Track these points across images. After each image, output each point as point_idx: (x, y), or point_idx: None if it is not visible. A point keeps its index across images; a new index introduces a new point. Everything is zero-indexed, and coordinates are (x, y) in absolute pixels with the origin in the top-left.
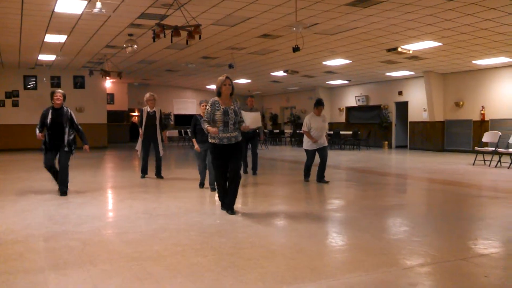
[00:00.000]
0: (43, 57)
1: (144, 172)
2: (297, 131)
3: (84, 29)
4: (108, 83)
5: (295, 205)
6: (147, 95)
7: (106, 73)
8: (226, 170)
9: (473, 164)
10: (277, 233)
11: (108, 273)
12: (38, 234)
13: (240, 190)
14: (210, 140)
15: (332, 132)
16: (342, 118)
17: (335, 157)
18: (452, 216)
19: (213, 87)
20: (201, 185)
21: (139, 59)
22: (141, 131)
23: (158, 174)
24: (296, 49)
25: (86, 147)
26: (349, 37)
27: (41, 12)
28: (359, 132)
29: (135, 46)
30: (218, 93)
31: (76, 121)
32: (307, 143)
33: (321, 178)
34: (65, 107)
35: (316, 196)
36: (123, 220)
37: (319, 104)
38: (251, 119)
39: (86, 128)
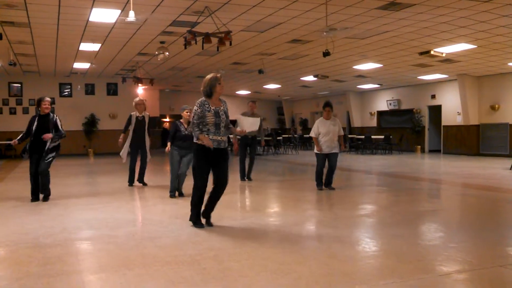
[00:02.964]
0: (78, 65)
1: (132, 181)
2: None
3: (117, 38)
4: (140, 90)
5: (326, 210)
6: (137, 99)
7: (138, 80)
8: (208, 176)
9: (510, 169)
10: (309, 238)
11: (143, 277)
12: (75, 238)
13: (270, 196)
14: (197, 141)
15: (363, 137)
16: (373, 123)
17: (366, 161)
18: (489, 222)
19: (243, 92)
20: (173, 194)
21: (171, 66)
22: (121, 137)
23: (141, 180)
24: (326, 53)
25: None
26: (380, 41)
27: (77, 21)
28: (391, 137)
29: (167, 53)
30: (210, 93)
31: (61, 127)
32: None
33: (328, 184)
34: (51, 114)
35: (347, 201)
36: (157, 224)
37: (326, 106)
38: (247, 124)
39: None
